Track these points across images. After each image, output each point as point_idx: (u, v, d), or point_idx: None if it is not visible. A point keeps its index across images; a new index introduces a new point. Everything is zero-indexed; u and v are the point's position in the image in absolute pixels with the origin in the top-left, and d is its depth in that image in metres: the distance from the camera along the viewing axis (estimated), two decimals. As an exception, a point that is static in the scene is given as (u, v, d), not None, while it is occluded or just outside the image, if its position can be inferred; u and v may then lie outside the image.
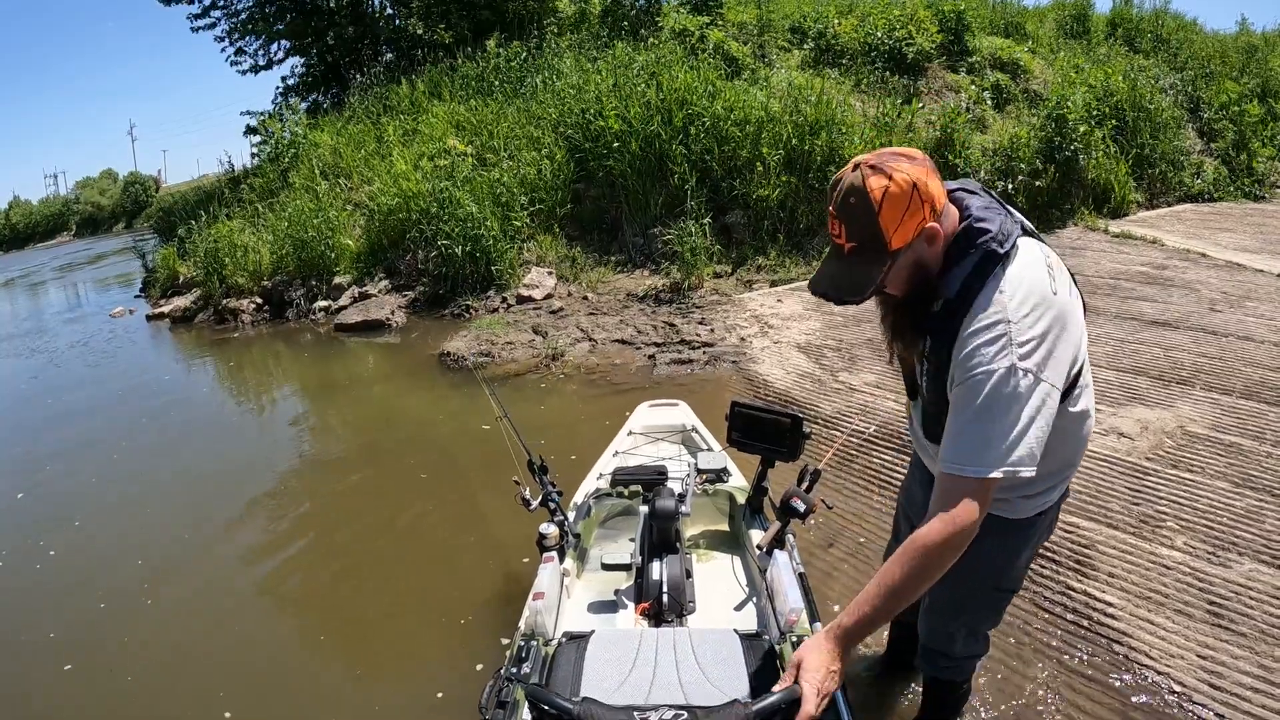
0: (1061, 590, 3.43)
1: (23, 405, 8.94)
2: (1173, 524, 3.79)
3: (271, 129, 14.56)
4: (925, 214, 1.74)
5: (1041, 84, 13.00)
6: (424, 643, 3.75)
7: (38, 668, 3.88)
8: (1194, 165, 12.44)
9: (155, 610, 4.30)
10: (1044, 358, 1.71)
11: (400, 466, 5.76)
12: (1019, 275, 1.76)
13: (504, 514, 4.53)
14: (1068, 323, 1.77)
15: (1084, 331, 1.87)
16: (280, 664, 3.79)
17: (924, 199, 1.73)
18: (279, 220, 12.13)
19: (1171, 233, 9.96)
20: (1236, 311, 6.79)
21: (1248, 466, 4.23)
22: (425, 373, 7.82)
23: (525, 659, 2.28)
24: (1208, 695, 2.83)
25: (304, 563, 4.69)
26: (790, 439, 2.97)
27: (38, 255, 44.62)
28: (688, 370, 6.80)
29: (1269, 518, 3.76)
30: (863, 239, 1.77)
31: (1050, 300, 1.75)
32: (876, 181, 1.72)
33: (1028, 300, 1.73)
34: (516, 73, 13.45)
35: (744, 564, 3.07)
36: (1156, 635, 3.12)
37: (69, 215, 66.44)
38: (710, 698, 2.00)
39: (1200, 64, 14.29)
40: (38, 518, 5.70)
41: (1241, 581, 3.34)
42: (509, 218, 10.38)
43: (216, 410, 8.10)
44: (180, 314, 12.65)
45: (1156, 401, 5.11)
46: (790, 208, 10.01)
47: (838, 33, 13.15)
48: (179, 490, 5.97)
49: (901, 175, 1.72)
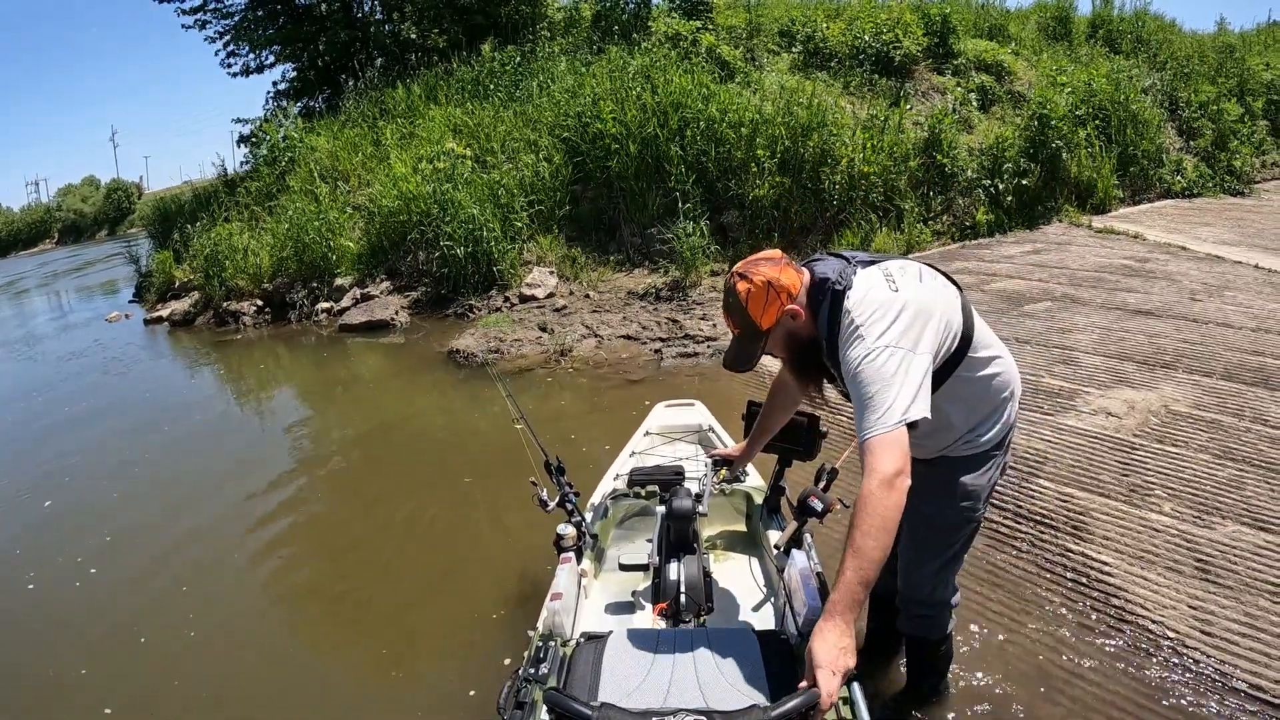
0: (1060, 552, 3.68)
1: (36, 410, 8.92)
2: (1160, 492, 4.05)
3: (267, 133, 14.64)
4: (783, 300, 2.26)
5: (1025, 85, 13.30)
6: (456, 642, 3.73)
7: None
8: (1174, 163, 12.76)
9: (198, 637, 4.11)
10: (897, 335, 2.10)
11: (424, 464, 5.88)
12: (859, 295, 2.18)
13: (533, 512, 4.40)
14: (918, 306, 2.16)
15: (956, 308, 2.30)
16: (317, 669, 3.78)
17: (778, 290, 2.26)
18: (279, 223, 12.28)
19: (1153, 228, 10.28)
20: (1216, 300, 7.08)
21: (1228, 440, 4.49)
22: (434, 370, 8.01)
23: (543, 659, 2.29)
24: (1200, 640, 3.07)
25: (335, 565, 4.70)
26: (807, 438, 3.04)
27: (22, 263, 44.32)
28: (693, 363, 7.05)
29: (1249, 485, 4.02)
30: (742, 326, 2.33)
31: (891, 298, 2.16)
32: (742, 285, 2.28)
33: (869, 306, 2.15)
34: (511, 76, 13.64)
35: (761, 564, 3.11)
36: (1150, 589, 3.36)
37: (51, 223, 65.97)
38: (729, 699, 2.01)
39: (1179, 64, 14.62)
40: (68, 530, 5.52)
41: (1226, 541, 3.60)
42: (509, 219, 10.58)
43: (233, 412, 8.21)
44: (180, 317, 12.78)
45: (1142, 384, 5.36)
46: (784, 207, 10.28)
47: (826, 36, 13.43)
48: (205, 496, 5.86)
49: (759, 277, 2.27)
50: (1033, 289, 7.91)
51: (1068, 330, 6.58)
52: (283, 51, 18.40)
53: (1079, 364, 5.83)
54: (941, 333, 2.20)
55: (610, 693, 2.06)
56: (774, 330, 2.31)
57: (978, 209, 10.77)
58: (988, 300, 7.63)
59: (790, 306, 2.28)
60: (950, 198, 10.93)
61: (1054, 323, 6.81)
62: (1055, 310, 7.16)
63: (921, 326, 2.14)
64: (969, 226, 10.73)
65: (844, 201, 10.29)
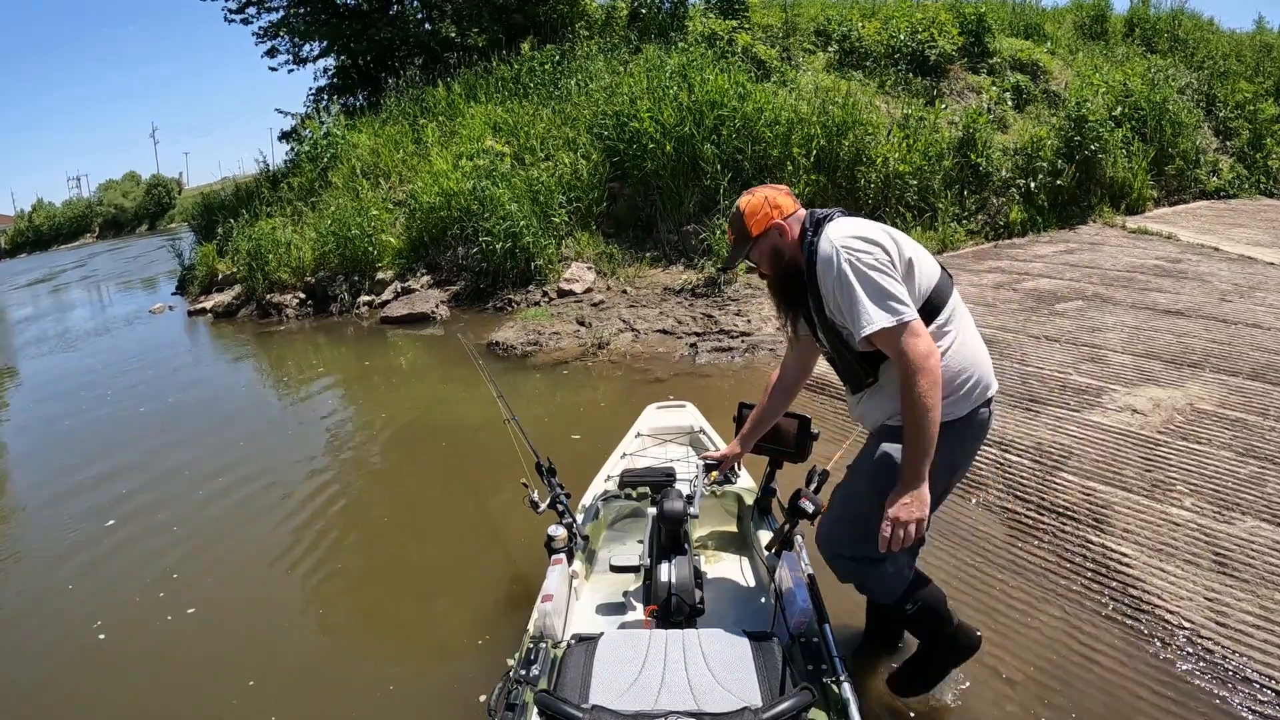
0: (1081, 543, 3.81)
1: (81, 410, 8.78)
2: (1182, 487, 4.14)
3: (310, 129, 14.96)
4: (773, 215, 2.58)
5: (1061, 84, 13.28)
6: (467, 646, 3.60)
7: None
8: (1210, 163, 12.70)
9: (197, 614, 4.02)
10: (869, 250, 2.36)
11: (451, 455, 5.97)
12: (841, 225, 2.47)
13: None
14: (899, 242, 2.44)
15: (932, 272, 2.50)
16: (344, 672, 3.61)
17: (772, 205, 2.59)
18: (321, 218, 12.58)
19: (1186, 228, 10.28)
20: (1246, 301, 7.12)
21: (1251, 438, 4.56)
22: (472, 362, 8.07)
23: (534, 661, 2.31)
24: (1214, 631, 3.15)
25: (373, 567, 4.55)
26: (798, 439, 3.10)
27: (64, 256, 45.06)
28: (729, 358, 7.20)
29: (1270, 482, 4.09)
30: (736, 231, 2.68)
31: (872, 229, 2.45)
32: (744, 198, 2.67)
33: (850, 231, 2.43)
34: (550, 75, 13.84)
35: (752, 565, 3.15)
36: (1167, 581, 3.46)
37: (92, 217, 66.96)
38: (720, 701, 2.03)
39: (1216, 63, 14.50)
40: (133, 559, 4.94)
41: (1245, 536, 3.68)
42: (548, 216, 10.80)
43: (288, 411, 8.03)
44: (222, 309, 13.12)
45: (1168, 382, 5.44)
46: (819, 206, 10.36)
47: (861, 35, 13.50)
48: (268, 511, 5.40)
49: (760, 193, 2.64)
50: (1064, 288, 7.98)
51: (1097, 329, 6.65)
52: (328, 46, 18.71)
53: (1107, 362, 5.91)
54: (915, 276, 2.43)
55: (601, 694, 2.08)
56: (762, 240, 2.62)
57: (1011, 208, 10.83)
58: (1019, 299, 7.72)
59: (779, 221, 2.58)
60: (984, 197, 10.99)
61: (1084, 321, 6.88)
62: (1086, 309, 7.23)
63: (893, 247, 2.40)
64: (1003, 226, 10.79)
65: (879, 201, 10.40)
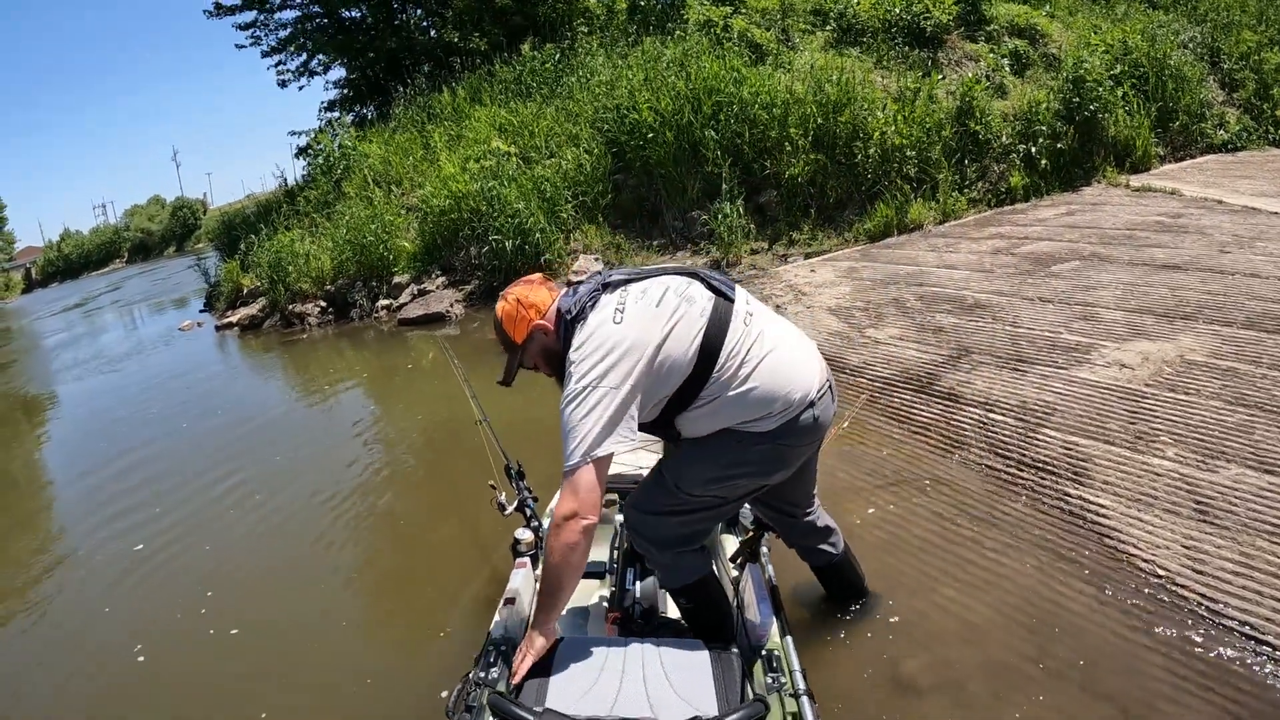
0: (1059, 496, 3.88)
1: (116, 428, 8.90)
2: (1166, 438, 4.16)
3: (322, 143, 15.25)
4: (530, 315, 2.52)
5: (1059, 48, 13.17)
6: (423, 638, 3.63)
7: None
8: (1216, 116, 12.55)
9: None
10: (601, 373, 2.29)
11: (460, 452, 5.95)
12: (584, 332, 2.39)
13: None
14: (633, 341, 2.33)
15: (691, 334, 2.39)
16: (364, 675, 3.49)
17: (526, 306, 2.53)
18: (337, 228, 12.85)
19: (1191, 183, 10.19)
20: (1246, 251, 7.06)
21: (1241, 386, 4.52)
22: (488, 357, 8.11)
23: (494, 664, 2.31)
24: (1190, 579, 3.14)
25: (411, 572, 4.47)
26: None
27: (95, 281, 45.96)
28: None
29: (1259, 429, 4.06)
30: (503, 341, 2.59)
31: (608, 334, 2.34)
32: (499, 305, 2.58)
33: (587, 343, 2.35)
34: (551, 74, 14.03)
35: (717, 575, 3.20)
36: (1145, 530, 3.49)
37: (120, 243, 68.12)
38: (675, 711, 2.04)
39: (1219, 15, 14.32)
40: (168, 583, 4.73)
41: (1228, 484, 3.67)
42: (555, 211, 10.99)
43: (317, 422, 8.04)
44: (248, 322, 13.43)
45: (1159, 335, 5.43)
46: (820, 184, 10.50)
47: (858, 12, 13.50)
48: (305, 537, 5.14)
49: (512, 295, 2.57)
50: (1061, 249, 7.99)
51: (1092, 288, 6.67)
52: (336, 58, 19.00)
53: (1099, 319, 5.93)
54: (657, 366, 2.35)
55: (558, 699, 2.10)
56: (529, 345, 2.56)
57: (1013, 174, 10.82)
58: (1015, 263, 7.76)
59: (539, 322, 2.52)
60: (985, 165, 10.99)
61: (1079, 281, 6.90)
62: (1082, 269, 7.24)
63: (633, 362, 2.31)
64: (1005, 192, 10.78)
65: (878, 175, 10.45)
